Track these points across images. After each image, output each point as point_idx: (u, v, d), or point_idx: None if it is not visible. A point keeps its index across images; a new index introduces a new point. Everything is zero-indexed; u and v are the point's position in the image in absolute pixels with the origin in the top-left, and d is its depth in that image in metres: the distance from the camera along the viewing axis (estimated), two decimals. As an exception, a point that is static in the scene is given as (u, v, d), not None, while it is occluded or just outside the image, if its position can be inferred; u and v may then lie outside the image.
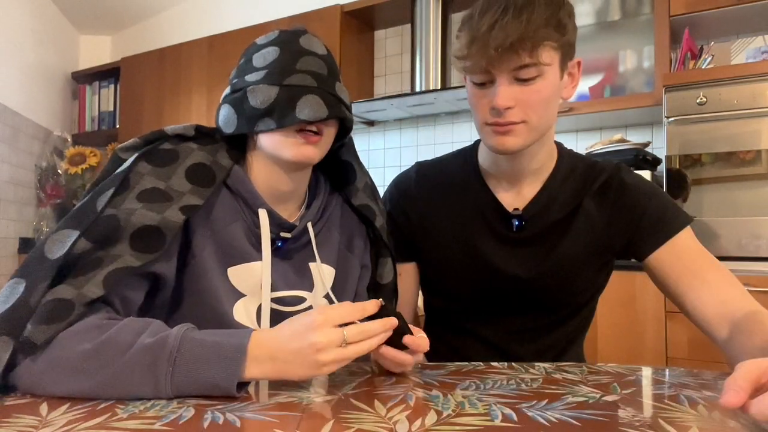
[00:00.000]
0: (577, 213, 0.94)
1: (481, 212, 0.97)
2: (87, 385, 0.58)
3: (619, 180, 0.95)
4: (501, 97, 0.82)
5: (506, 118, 0.83)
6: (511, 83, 0.82)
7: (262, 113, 0.76)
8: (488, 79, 0.83)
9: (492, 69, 0.81)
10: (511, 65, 0.80)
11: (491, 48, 0.78)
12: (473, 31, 0.80)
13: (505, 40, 0.78)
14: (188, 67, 3.19)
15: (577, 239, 0.94)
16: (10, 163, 3.10)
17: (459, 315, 1.02)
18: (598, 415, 0.54)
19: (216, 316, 0.76)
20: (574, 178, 0.96)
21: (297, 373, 0.60)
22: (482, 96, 0.85)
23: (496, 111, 0.83)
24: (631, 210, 0.93)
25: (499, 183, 0.97)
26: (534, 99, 0.83)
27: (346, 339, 0.60)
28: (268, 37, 0.82)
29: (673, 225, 0.91)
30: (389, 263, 0.94)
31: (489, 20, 0.79)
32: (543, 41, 0.80)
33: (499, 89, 0.82)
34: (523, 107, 0.83)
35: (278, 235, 0.82)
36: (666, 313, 1.78)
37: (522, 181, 0.95)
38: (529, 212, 0.94)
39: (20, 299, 0.61)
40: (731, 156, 1.78)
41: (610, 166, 0.97)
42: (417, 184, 1.04)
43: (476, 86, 0.86)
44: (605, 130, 2.48)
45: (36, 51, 3.33)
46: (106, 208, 0.69)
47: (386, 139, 3.00)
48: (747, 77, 1.78)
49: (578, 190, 0.95)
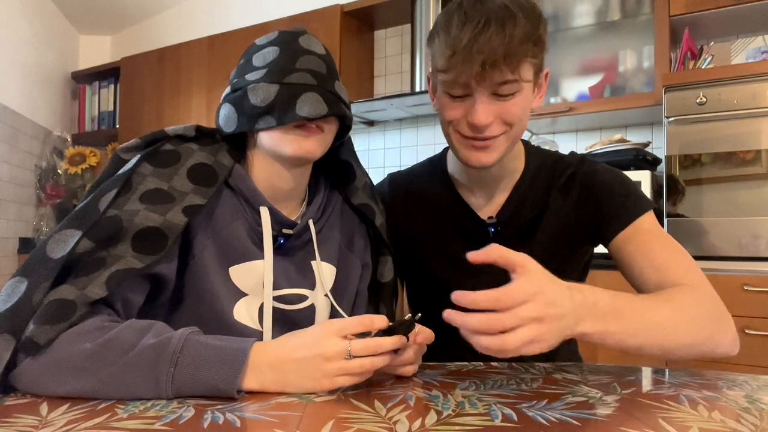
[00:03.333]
0: (546, 209, 0.94)
1: (456, 222, 0.97)
2: (88, 385, 0.58)
3: (583, 171, 0.94)
4: (482, 114, 0.80)
5: (486, 133, 0.82)
6: (489, 98, 0.81)
7: (262, 111, 0.76)
8: (466, 92, 0.81)
9: (472, 83, 0.79)
10: (494, 81, 0.79)
11: (476, 63, 0.76)
12: (454, 44, 0.77)
13: (490, 55, 0.75)
14: (188, 67, 3.19)
15: (549, 235, 0.93)
16: (10, 163, 3.10)
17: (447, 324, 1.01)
18: (598, 415, 0.54)
19: (216, 316, 0.76)
20: (542, 175, 0.96)
21: (297, 384, 0.60)
22: (458, 108, 0.83)
23: (475, 128, 0.82)
24: (595, 198, 0.92)
25: (471, 191, 0.97)
26: (513, 112, 0.82)
27: (351, 351, 0.60)
28: (268, 37, 0.83)
29: (633, 210, 0.89)
30: (389, 262, 0.94)
31: (470, 33, 0.76)
32: (525, 58, 0.78)
33: (478, 106, 0.80)
34: (499, 122, 0.82)
35: (280, 232, 0.82)
36: (666, 313, 1.78)
37: (493, 186, 0.95)
38: (503, 217, 0.94)
39: (22, 298, 0.61)
40: (731, 156, 1.78)
41: (576, 159, 0.96)
42: (390, 197, 1.04)
43: (451, 98, 0.83)
44: (605, 130, 2.48)
45: (36, 51, 3.33)
46: (109, 208, 0.69)
47: (386, 139, 3.00)
48: (747, 77, 1.78)
49: (546, 186, 0.95)
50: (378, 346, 0.62)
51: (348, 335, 0.61)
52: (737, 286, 1.70)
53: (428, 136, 2.86)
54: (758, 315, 1.67)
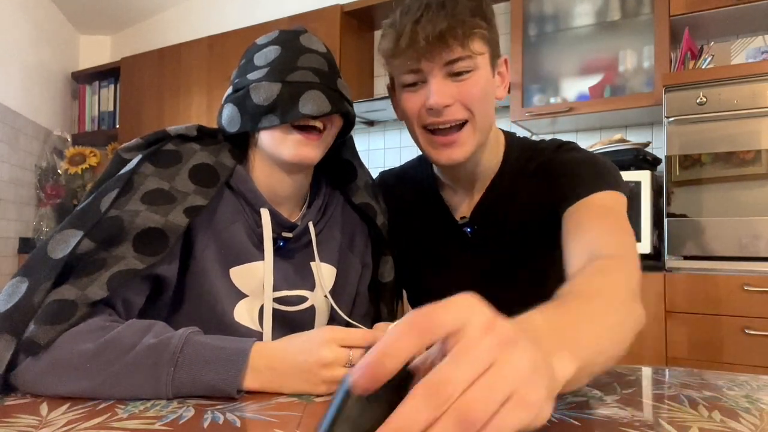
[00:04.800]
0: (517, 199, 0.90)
1: (435, 224, 0.96)
2: (88, 385, 0.58)
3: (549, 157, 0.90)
4: (437, 94, 0.78)
5: (446, 117, 0.79)
6: (444, 79, 0.79)
7: (265, 110, 0.76)
8: (419, 78, 0.80)
9: (423, 64, 0.78)
10: (443, 58, 0.77)
11: (420, 39, 0.75)
12: (398, 29, 0.78)
13: (434, 29, 0.75)
14: (188, 67, 3.19)
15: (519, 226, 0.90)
16: (10, 163, 3.10)
17: None
18: (598, 415, 0.54)
19: (217, 317, 0.76)
20: (517, 167, 0.92)
21: (294, 388, 0.60)
22: (415, 99, 0.81)
23: (434, 111, 0.79)
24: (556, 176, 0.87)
25: (453, 190, 0.96)
26: (473, 93, 0.79)
27: (351, 361, 0.60)
28: (269, 37, 0.83)
29: (589, 187, 0.81)
30: (390, 262, 0.94)
31: (412, 17, 0.77)
32: (472, 29, 0.77)
33: (433, 87, 0.78)
34: (460, 104, 0.80)
35: (280, 234, 0.82)
36: (666, 313, 1.79)
37: (470, 185, 0.93)
38: (475, 218, 0.92)
39: (23, 298, 0.61)
40: (731, 156, 1.78)
41: (553, 146, 0.91)
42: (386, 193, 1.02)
43: (407, 89, 0.82)
44: (605, 130, 2.48)
45: (36, 51, 3.33)
46: (110, 209, 0.69)
47: (386, 139, 3.00)
48: (747, 77, 1.78)
49: (518, 180, 0.91)
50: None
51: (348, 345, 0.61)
52: (737, 286, 1.70)
53: (428, 136, 2.86)
54: (758, 315, 1.67)
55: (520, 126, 2.51)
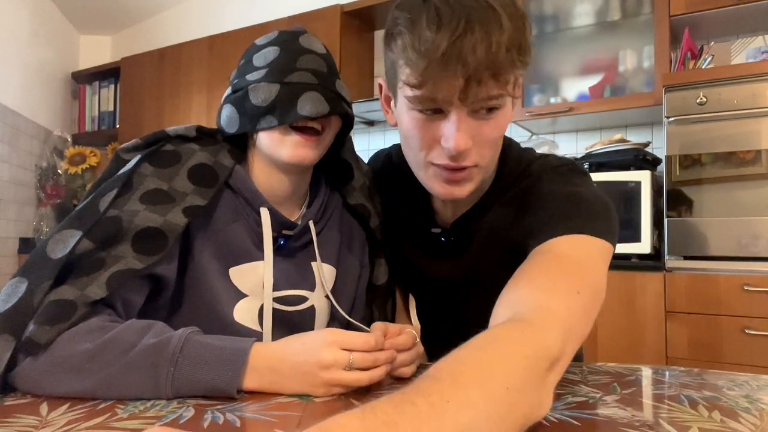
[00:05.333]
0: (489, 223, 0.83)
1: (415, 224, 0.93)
2: (88, 385, 0.58)
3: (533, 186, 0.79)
4: (460, 139, 0.65)
5: (460, 162, 0.68)
6: (467, 117, 0.66)
7: (264, 111, 0.76)
8: (439, 107, 0.66)
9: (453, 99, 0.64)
10: (478, 96, 0.64)
11: (459, 78, 0.61)
12: (429, 52, 0.61)
13: (476, 69, 0.61)
14: (188, 67, 3.19)
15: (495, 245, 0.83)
16: (10, 163, 3.10)
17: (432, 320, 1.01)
18: (598, 415, 0.54)
19: (216, 317, 0.76)
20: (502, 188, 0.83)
21: (293, 388, 0.60)
22: (429, 128, 0.68)
23: (451, 155, 0.67)
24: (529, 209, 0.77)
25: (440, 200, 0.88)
26: (492, 137, 0.69)
27: (351, 363, 0.60)
28: (268, 37, 0.83)
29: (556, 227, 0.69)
30: (384, 264, 0.94)
31: (447, 38, 0.60)
32: (514, 69, 0.64)
33: (455, 127, 0.65)
34: (478, 147, 0.68)
35: (280, 233, 0.82)
36: (666, 313, 1.79)
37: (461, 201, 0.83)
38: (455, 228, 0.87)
39: (22, 299, 0.61)
40: (731, 156, 1.78)
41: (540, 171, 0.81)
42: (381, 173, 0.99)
43: (421, 115, 0.68)
44: (605, 130, 2.48)
45: (36, 51, 3.33)
46: (109, 209, 0.69)
47: (386, 139, 2.99)
48: (747, 77, 1.78)
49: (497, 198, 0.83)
50: (376, 360, 0.62)
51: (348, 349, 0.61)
52: (737, 286, 1.70)
53: (428, 136, 2.86)
54: (758, 315, 1.68)
55: (520, 126, 2.52)
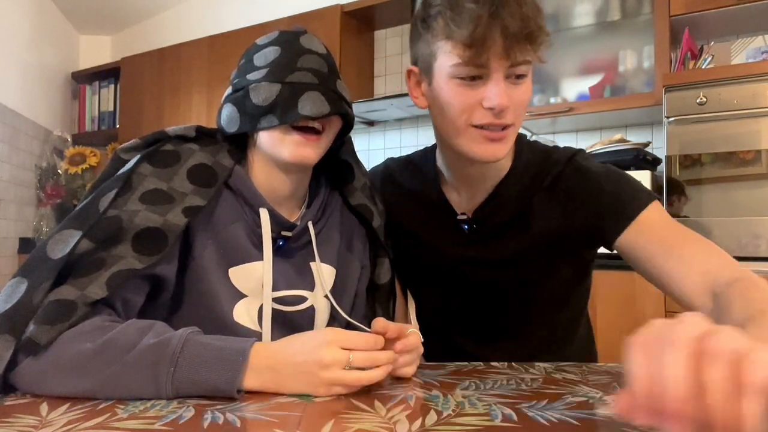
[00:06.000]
0: (530, 211, 0.90)
1: (436, 215, 0.96)
2: (88, 385, 0.58)
3: (572, 169, 0.89)
4: (503, 96, 0.75)
5: (501, 119, 0.77)
6: (503, 81, 0.76)
7: (264, 110, 0.76)
8: (480, 73, 0.76)
9: (492, 61, 0.74)
10: (514, 59, 0.74)
11: (498, 35, 0.71)
12: (477, 16, 0.71)
13: (517, 29, 0.71)
14: (188, 67, 3.19)
15: (530, 237, 0.90)
16: (10, 163, 3.09)
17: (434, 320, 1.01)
18: (598, 415, 0.54)
19: (216, 317, 0.76)
20: (528, 174, 0.91)
21: (294, 388, 0.60)
22: (470, 94, 0.77)
23: (494, 112, 0.76)
24: (586, 197, 0.87)
25: (454, 187, 0.95)
26: (522, 99, 0.79)
27: (351, 363, 0.60)
28: (269, 37, 0.83)
29: (632, 205, 0.83)
30: (386, 264, 0.94)
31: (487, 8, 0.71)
32: (545, 35, 0.75)
33: (497, 88, 0.75)
34: (515, 108, 0.78)
35: (279, 234, 0.82)
36: (666, 313, 1.78)
37: (476, 185, 0.92)
38: (477, 216, 0.92)
39: (22, 299, 0.61)
40: (731, 156, 1.78)
41: (564, 157, 0.91)
42: (381, 183, 1.03)
43: (460, 82, 0.77)
44: (605, 130, 2.48)
45: (36, 51, 3.32)
46: (109, 209, 0.69)
47: (386, 139, 3.00)
48: (747, 77, 1.78)
49: (528, 188, 0.90)
50: (376, 359, 0.62)
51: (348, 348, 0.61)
52: (737, 286, 1.70)
53: (428, 136, 2.86)
54: (758, 315, 1.67)
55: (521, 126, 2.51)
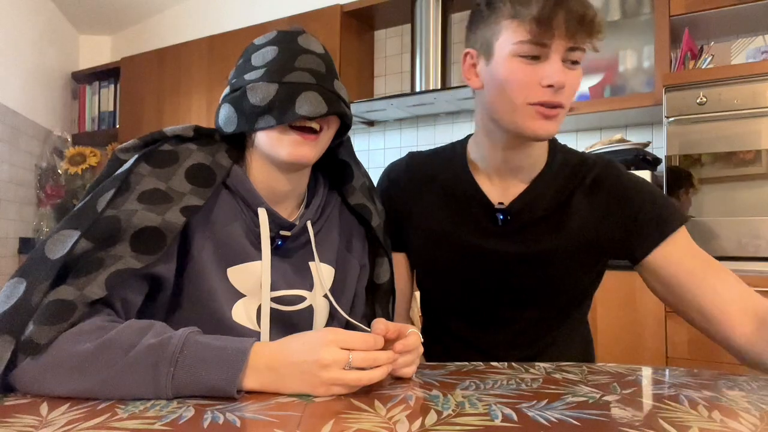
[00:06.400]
0: (567, 209, 0.92)
1: (466, 206, 0.97)
2: (88, 385, 0.58)
3: (612, 176, 0.93)
4: (561, 74, 0.80)
5: (557, 98, 0.82)
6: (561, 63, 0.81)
7: (261, 110, 0.76)
8: (541, 53, 0.81)
9: (555, 41, 0.80)
10: (574, 42, 0.80)
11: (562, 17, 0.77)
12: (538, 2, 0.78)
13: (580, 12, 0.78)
14: (188, 67, 3.19)
15: (564, 235, 0.92)
16: (10, 163, 3.10)
17: (449, 314, 1.02)
18: (598, 415, 0.54)
19: (215, 316, 0.76)
20: (564, 173, 0.94)
21: (293, 388, 0.60)
22: (530, 71, 0.82)
23: (553, 89, 0.81)
24: (626, 206, 0.91)
25: (488, 177, 0.96)
26: (574, 84, 0.83)
27: (351, 363, 0.60)
28: (267, 37, 0.83)
29: (671, 223, 0.89)
30: (386, 263, 0.94)
31: None
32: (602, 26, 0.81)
33: (556, 66, 0.81)
34: (569, 90, 0.83)
35: (278, 233, 0.82)
36: (666, 313, 1.78)
37: (512, 176, 0.94)
38: (515, 207, 0.93)
39: (21, 299, 0.61)
40: (731, 156, 1.78)
41: (602, 162, 0.95)
42: (407, 174, 1.04)
43: (522, 59, 0.82)
44: (605, 130, 2.48)
45: (36, 51, 3.32)
46: (107, 209, 0.69)
47: (386, 139, 3.00)
48: (747, 77, 1.78)
49: (567, 186, 0.93)
50: (375, 359, 0.62)
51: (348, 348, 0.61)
52: (737, 286, 1.70)
53: (428, 136, 2.86)
54: (758, 315, 1.67)
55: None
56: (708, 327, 0.86)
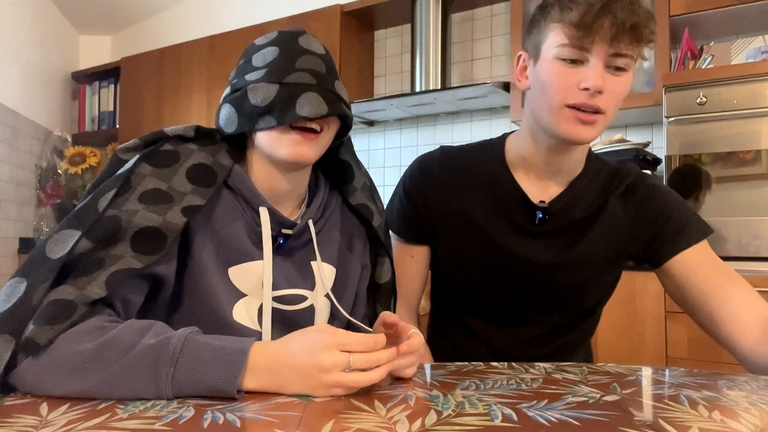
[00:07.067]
0: (602, 212, 0.95)
1: (503, 202, 0.97)
2: (88, 385, 0.58)
3: (646, 184, 0.97)
4: (599, 78, 0.80)
5: (594, 102, 0.82)
6: (603, 68, 0.81)
7: (262, 111, 0.76)
8: (581, 57, 0.82)
9: (596, 46, 0.80)
10: (617, 49, 0.80)
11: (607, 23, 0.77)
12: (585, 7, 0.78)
13: (625, 19, 0.77)
14: (188, 67, 3.19)
15: (600, 238, 0.94)
16: (10, 163, 3.10)
17: (466, 310, 1.01)
18: (598, 415, 0.54)
19: (215, 316, 0.76)
20: (600, 178, 0.97)
21: (293, 389, 0.60)
22: (569, 74, 0.83)
23: (589, 92, 0.81)
24: (656, 213, 0.94)
25: (527, 177, 0.97)
26: (617, 90, 0.83)
27: (351, 365, 0.60)
28: (267, 37, 0.83)
29: (695, 233, 0.93)
30: (387, 263, 0.94)
31: None
32: (652, 34, 0.80)
33: (594, 71, 0.81)
34: (609, 96, 0.83)
35: (279, 233, 0.82)
36: (666, 313, 1.78)
37: (551, 177, 0.95)
38: (554, 207, 0.94)
39: (21, 299, 0.61)
40: (731, 156, 1.78)
41: (636, 170, 0.99)
42: (440, 167, 1.03)
43: (563, 62, 0.83)
44: (605, 130, 2.48)
45: (36, 51, 3.32)
46: (108, 208, 0.69)
47: (386, 139, 3.00)
48: (747, 77, 1.78)
49: (604, 190, 0.96)
50: (376, 360, 0.62)
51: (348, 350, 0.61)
52: (737, 286, 1.70)
53: (428, 136, 2.86)
54: (758, 315, 1.67)
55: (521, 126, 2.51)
56: (716, 330, 0.88)
